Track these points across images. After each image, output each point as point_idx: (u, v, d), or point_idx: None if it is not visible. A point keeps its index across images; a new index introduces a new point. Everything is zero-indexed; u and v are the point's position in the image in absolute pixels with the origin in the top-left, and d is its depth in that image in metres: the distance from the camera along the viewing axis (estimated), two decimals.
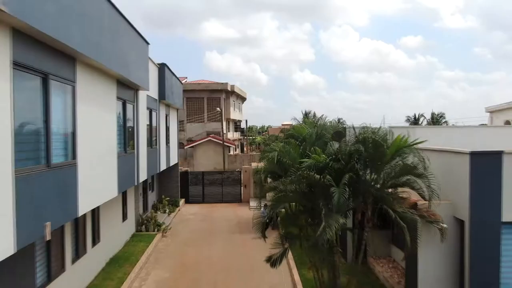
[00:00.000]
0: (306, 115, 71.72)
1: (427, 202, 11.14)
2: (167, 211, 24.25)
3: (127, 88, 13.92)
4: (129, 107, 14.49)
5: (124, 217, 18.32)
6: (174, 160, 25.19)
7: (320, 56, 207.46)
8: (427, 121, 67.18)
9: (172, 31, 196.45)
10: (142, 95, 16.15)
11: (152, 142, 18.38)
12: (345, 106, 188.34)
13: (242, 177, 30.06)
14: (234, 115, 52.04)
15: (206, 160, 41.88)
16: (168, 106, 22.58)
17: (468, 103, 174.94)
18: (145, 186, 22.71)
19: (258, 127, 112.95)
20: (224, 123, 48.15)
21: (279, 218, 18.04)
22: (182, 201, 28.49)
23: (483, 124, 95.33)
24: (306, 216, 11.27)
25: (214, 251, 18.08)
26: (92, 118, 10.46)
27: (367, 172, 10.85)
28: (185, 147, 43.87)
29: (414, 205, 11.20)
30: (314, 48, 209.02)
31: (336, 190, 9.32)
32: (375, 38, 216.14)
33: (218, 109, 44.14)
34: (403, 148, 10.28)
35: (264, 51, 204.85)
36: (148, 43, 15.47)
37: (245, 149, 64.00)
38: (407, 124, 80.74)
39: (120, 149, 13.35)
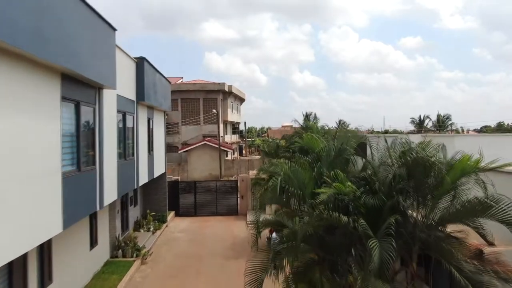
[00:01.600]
0: (307, 116, 68.17)
1: (496, 248, 7.66)
2: (152, 228, 20.68)
3: (81, 86, 10.37)
4: (87, 110, 10.93)
5: (93, 243, 14.78)
6: (160, 169, 21.63)
7: (320, 57, 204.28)
8: (433, 123, 63.64)
9: (171, 32, 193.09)
10: (110, 95, 12.60)
11: (126, 152, 14.84)
12: (344, 107, 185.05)
13: (239, 187, 26.48)
14: (231, 117, 48.45)
15: (201, 166, 38.34)
16: (151, 108, 19.02)
17: (468, 103, 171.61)
18: (125, 201, 19.16)
19: (258, 129, 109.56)
20: (221, 126, 44.61)
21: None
22: (171, 214, 24.92)
23: (486, 126, 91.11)
24: (322, 267, 7.73)
25: (202, 284, 14.57)
26: (5, 127, 6.90)
27: (407, 204, 7.32)
28: (179, 152, 40.30)
29: (479, 254, 7.65)
30: (314, 49, 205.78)
31: (375, 244, 5.78)
32: (375, 39, 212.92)
33: (214, 111, 40.57)
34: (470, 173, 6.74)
35: (264, 52, 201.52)
36: (114, 29, 11.91)
37: (244, 151, 60.49)
38: (411, 126, 77.43)
39: (70, 166, 9.79)
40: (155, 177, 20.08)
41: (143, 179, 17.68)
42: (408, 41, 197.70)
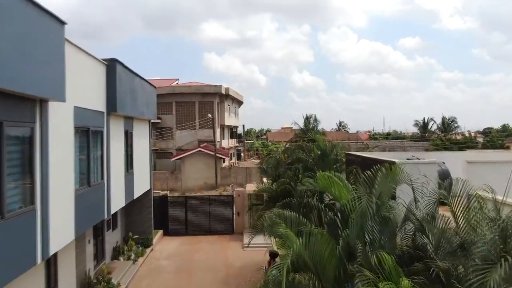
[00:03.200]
0: (307, 119, 65.19)
1: None
2: (133, 256, 17.63)
3: (6, 101, 7.34)
4: (18, 132, 7.92)
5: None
6: (143, 187, 18.61)
7: (319, 57, 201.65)
8: (438, 126, 60.60)
9: (171, 32, 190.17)
10: (62, 108, 9.55)
11: (91, 177, 11.80)
12: (344, 108, 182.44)
13: (235, 202, 23.43)
14: (229, 121, 45.40)
15: (196, 174, 35.33)
16: (130, 118, 15.98)
17: (467, 104, 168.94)
18: (100, 226, 16.13)
19: (257, 130, 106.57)
20: (218, 131, 41.59)
21: None
22: (158, 234, 21.89)
23: (489, 128, 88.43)
24: None
25: None
26: None
27: None
28: (172, 159, 37.27)
29: None
30: (313, 50, 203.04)
31: None
32: (374, 40, 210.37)
33: (209, 115, 37.53)
34: None
35: (263, 52, 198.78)
36: (63, 23, 8.88)
37: (242, 155, 57.55)
38: (412, 128, 74.26)
39: None
40: (135, 198, 17.04)
41: (118, 203, 14.65)
42: (407, 41, 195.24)
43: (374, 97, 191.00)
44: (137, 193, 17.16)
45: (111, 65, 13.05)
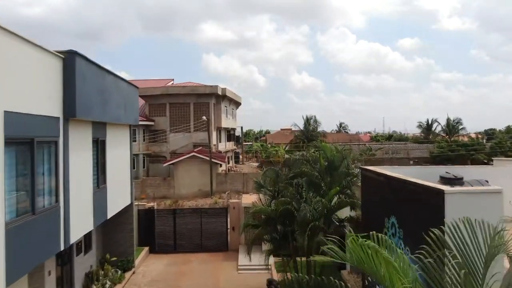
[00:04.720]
0: (307, 120, 62.42)
1: None
2: (108, 284, 14.84)
3: None
4: None
5: None
6: (121, 203, 15.82)
7: (318, 58, 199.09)
8: (442, 128, 57.82)
9: (170, 33, 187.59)
10: None
11: (37, 201, 9.02)
12: (343, 108, 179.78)
13: (229, 216, 20.69)
14: (226, 123, 42.58)
15: (190, 181, 32.55)
16: (101, 124, 13.20)
17: (466, 104, 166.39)
18: (68, 251, 13.35)
19: (256, 132, 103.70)
20: (214, 133, 38.82)
21: None
22: (143, 252, 19.14)
23: (492, 129, 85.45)
24: None
25: None
26: None
27: None
28: (164, 164, 34.46)
29: None
30: (312, 50, 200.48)
31: None
32: (372, 40, 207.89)
33: (204, 117, 34.72)
34: None
35: (262, 53, 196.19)
36: None
37: (240, 157, 54.83)
38: (415, 130, 71.43)
39: None
40: (110, 217, 14.25)
41: (83, 228, 11.89)
42: (406, 42, 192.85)
43: (373, 98, 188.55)
44: (112, 211, 14.37)
45: (69, 59, 10.25)
